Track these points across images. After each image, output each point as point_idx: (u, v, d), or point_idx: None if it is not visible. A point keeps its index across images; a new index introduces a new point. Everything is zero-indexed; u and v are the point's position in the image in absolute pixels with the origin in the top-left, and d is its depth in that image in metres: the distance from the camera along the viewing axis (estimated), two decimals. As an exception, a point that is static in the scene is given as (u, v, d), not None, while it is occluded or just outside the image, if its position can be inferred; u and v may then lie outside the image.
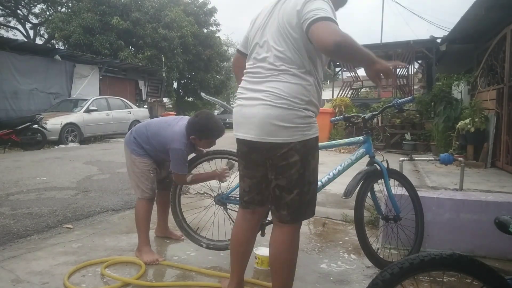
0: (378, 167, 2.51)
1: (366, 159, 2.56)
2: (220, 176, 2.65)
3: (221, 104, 2.96)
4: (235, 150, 2.65)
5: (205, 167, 2.80)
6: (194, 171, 2.76)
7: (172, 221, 2.78)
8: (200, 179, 2.67)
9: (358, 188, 2.41)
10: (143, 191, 2.57)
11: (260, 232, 2.29)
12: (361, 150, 2.55)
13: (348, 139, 2.69)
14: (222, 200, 2.58)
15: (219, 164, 2.73)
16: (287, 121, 1.59)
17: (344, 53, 1.43)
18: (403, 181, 2.64)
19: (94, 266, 2.37)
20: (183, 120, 2.56)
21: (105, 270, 2.29)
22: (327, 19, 1.46)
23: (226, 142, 3.11)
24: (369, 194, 2.48)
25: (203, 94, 2.85)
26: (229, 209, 2.62)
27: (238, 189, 2.56)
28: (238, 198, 2.57)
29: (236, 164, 2.59)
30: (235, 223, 1.97)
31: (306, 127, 1.63)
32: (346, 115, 2.83)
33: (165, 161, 2.65)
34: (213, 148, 2.68)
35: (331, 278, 2.33)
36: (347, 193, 2.37)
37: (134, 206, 3.88)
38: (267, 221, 2.35)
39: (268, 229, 2.46)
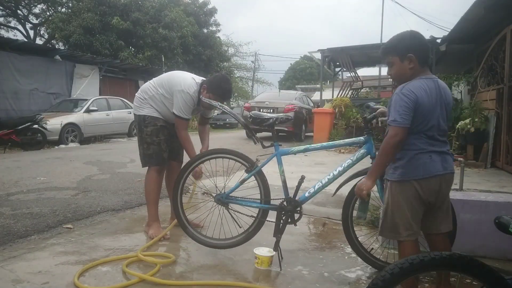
0: None
1: (367, 159, 2.55)
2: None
3: (220, 106, 2.94)
4: (235, 150, 2.69)
5: (206, 167, 2.80)
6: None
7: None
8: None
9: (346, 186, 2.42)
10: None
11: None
12: (362, 151, 2.53)
13: (349, 139, 2.66)
14: (222, 200, 2.58)
15: (219, 164, 2.73)
16: None
17: None
18: None
19: (100, 266, 2.37)
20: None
21: (126, 268, 2.30)
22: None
23: (226, 142, 3.11)
24: None
25: (201, 98, 2.86)
26: (230, 209, 2.62)
27: (237, 189, 2.57)
28: (238, 198, 2.59)
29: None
30: None
31: None
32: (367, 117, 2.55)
33: None
34: (211, 148, 2.67)
35: (332, 278, 2.33)
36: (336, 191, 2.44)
37: (133, 206, 3.91)
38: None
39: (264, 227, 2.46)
